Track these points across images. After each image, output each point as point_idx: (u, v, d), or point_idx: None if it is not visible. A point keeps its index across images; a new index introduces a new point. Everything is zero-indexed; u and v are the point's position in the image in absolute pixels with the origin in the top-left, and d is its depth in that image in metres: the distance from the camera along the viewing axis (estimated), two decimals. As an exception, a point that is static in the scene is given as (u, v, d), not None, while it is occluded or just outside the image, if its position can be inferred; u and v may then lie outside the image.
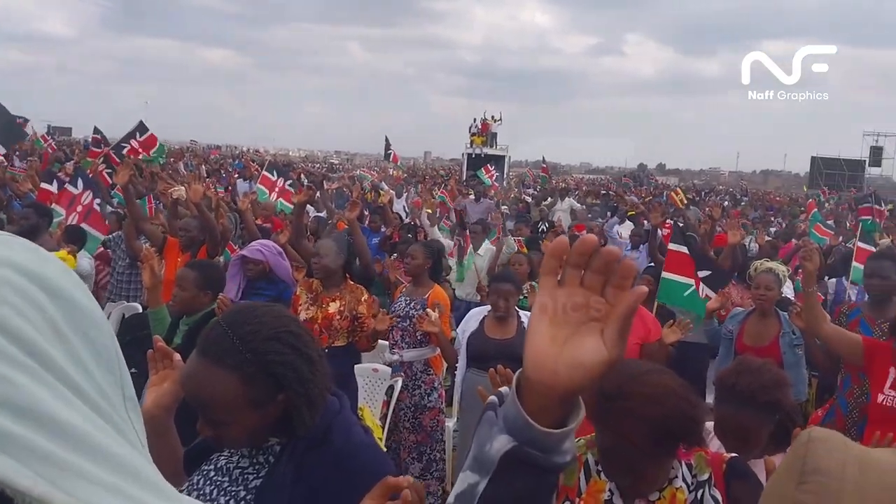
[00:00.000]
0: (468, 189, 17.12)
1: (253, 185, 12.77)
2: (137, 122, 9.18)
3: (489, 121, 34.88)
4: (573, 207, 14.73)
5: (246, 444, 1.58)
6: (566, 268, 0.79)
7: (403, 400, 4.94)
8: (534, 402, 0.81)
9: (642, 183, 38.20)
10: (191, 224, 6.03)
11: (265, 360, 1.49)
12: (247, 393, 1.48)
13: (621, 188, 27.18)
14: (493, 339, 4.34)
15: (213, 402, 1.49)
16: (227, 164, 24.07)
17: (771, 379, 2.29)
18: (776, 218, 18.89)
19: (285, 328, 1.56)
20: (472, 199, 14.16)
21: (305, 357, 1.55)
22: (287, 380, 1.51)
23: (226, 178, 16.72)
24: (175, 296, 3.85)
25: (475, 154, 32.69)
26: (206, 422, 1.52)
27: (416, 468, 4.87)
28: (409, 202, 13.99)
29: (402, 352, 4.97)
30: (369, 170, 27.01)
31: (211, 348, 1.51)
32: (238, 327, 1.52)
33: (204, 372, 1.50)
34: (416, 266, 5.07)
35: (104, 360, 0.63)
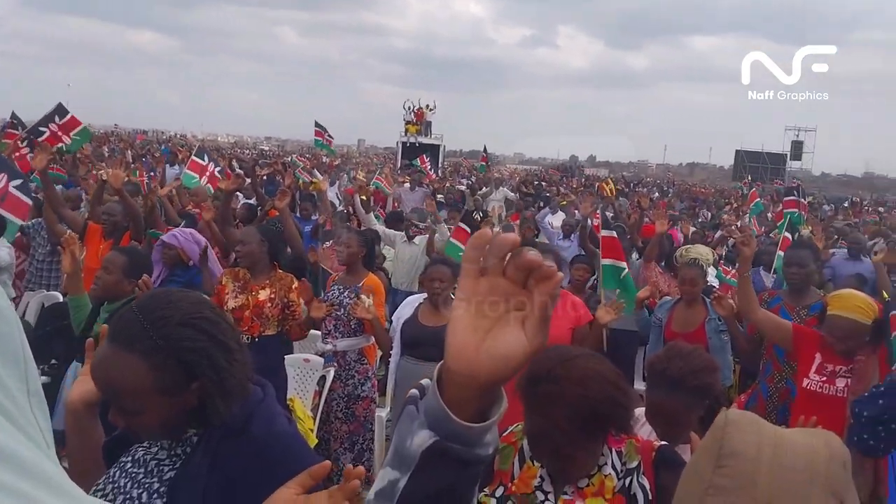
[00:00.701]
0: (404, 177, 17.07)
1: (181, 170, 12.45)
2: (56, 105, 8.79)
3: (423, 109, 34.81)
4: (507, 197, 14.84)
5: (160, 434, 1.52)
6: (488, 258, 0.77)
7: (336, 390, 4.88)
8: (455, 395, 0.80)
9: (573, 174, 38.80)
10: (115, 209, 5.84)
11: (177, 346, 1.44)
12: (158, 380, 1.42)
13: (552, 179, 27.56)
14: (427, 326, 4.32)
15: (123, 389, 1.42)
16: (153, 149, 23.36)
17: (701, 364, 2.34)
18: (702, 209, 19.43)
19: (200, 314, 1.50)
20: (407, 187, 14.11)
21: (221, 345, 1.49)
22: (200, 367, 1.45)
23: (147, 162, 16.21)
24: (99, 278, 3.71)
25: (410, 143, 32.60)
26: (118, 411, 1.46)
27: (347, 458, 4.83)
28: (342, 190, 13.85)
29: (336, 341, 4.90)
30: (301, 156, 26.63)
31: (121, 333, 1.45)
32: (150, 312, 1.46)
33: (113, 358, 1.43)
34: (350, 254, 5.01)
35: (7, 352, 0.60)
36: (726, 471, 0.97)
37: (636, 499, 1.81)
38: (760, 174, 48.38)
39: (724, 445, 0.99)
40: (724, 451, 0.99)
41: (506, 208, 13.43)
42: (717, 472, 0.98)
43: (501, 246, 0.76)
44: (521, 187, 18.43)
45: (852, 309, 3.49)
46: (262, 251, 4.46)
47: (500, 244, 0.76)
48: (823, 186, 53.57)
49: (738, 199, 22.30)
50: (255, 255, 4.44)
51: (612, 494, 1.81)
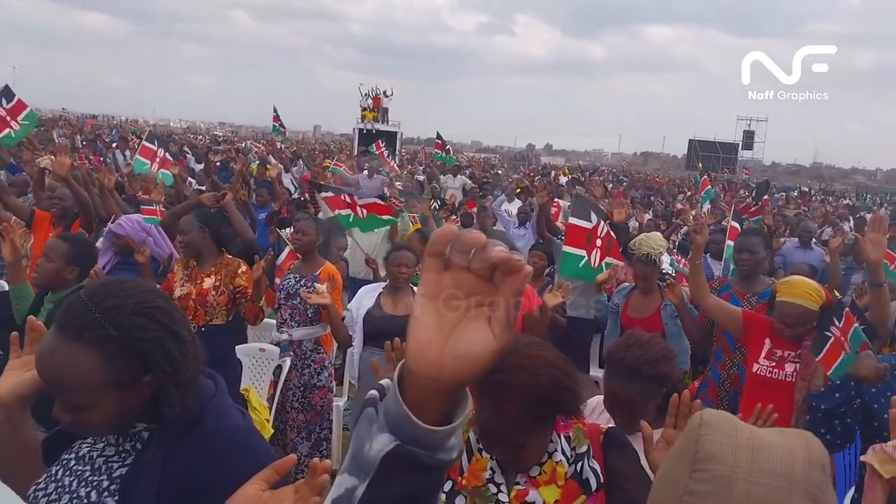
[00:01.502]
0: (362, 164, 16.94)
1: (130, 157, 12.14)
2: (2, 87, 8.47)
3: (380, 95, 34.52)
4: (465, 185, 14.84)
5: (109, 430, 1.44)
6: (452, 251, 0.72)
7: (292, 380, 4.82)
8: (417, 396, 0.75)
9: (530, 162, 38.98)
10: (65, 194, 5.67)
11: (130, 336, 1.36)
12: (109, 373, 1.34)
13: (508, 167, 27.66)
14: (390, 315, 4.29)
15: (70, 383, 1.33)
16: (103, 134, 22.78)
17: (658, 352, 2.35)
18: (656, 198, 19.70)
19: (153, 303, 1.42)
20: (364, 174, 14.00)
21: (175, 335, 1.42)
22: (154, 358, 1.38)
23: (99, 148, 15.80)
24: (39, 266, 3.57)
25: (366, 129, 32.33)
26: (64, 406, 1.37)
27: (304, 447, 4.78)
28: (297, 176, 13.69)
29: (291, 330, 4.83)
30: (256, 142, 26.25)
31: (70, 323, 1.36)
32: (101, 301, 1.38)
33: (61, 349, 1.34)
34: (307, 242, 4.94)
35: None
36: (702, 475, 0.95)
37: (588, 483, 1.81)
38: (713, 163, 49.27)
39: (700, 449, 0.97)
40: (699, 455, 0.96)
41: (463, 196, 13.43)
42: (693, 477, 0.96)
43: (468, 242, 0.72)
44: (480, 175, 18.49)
45: (801, 295, 3.56)
46: (205, 238, 4.35)
47: (467, 240, 0.72)
48: (773, 175, 54.78)
49: (691, 188, 22.67)
50: (195, 243, 4.33)
51: (565, 480, 1.81)
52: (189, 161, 14.34)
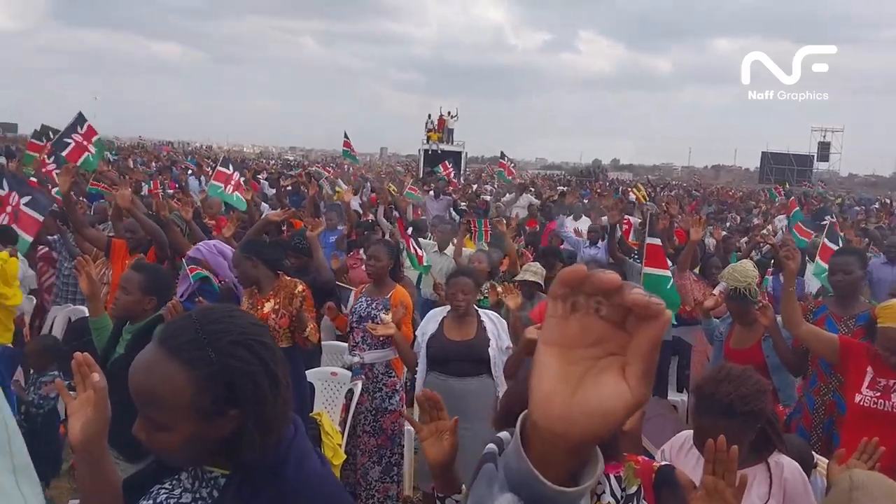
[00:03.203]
0: (427, 185, 17.01)
1: (205, 182, 12.46)
2: (76, 115, 8.81)
3: (445, 117, 34.83)
4: (531, 203, 14.71)
5: (182, 460, 1.38)
6: (579, 295, 0.64)
7: (363, 403, 4.79)
8: (542, 452, 0.67)
9: (597, 178, 38.52)
10: (134, 226, 5.77)
11: (227, 363, 1.31)
12: (196, 396, 1.28)
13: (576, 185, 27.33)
14: (452, 340, 4.23)
15: (158, 398, 1.29)
16: (179, 161, 23.55)
17: (752, 387, 2.21)
18: (730, 213, 19.15)
19: (257, 337, 1.37)
20: (431, 195, 14.04)
21: (271, 374, 1.36)
22: (244, 393, 1.31)
23: (178, 174, 16.30)
24: (117, 299, 3.59)
25: (432, 150, 32.62)
26: (145, 422, 1.32)
27: (375, 472, 4.74)
28: (365, 199, 13.81)
29: (363, 353, 4.82)
30: (325, 166, 26.71)
31: (171, 339, 1.32)
32: (207, 322, 1.34)
33: (157, 362, 1.30)
34: (380, 268, 4.93)
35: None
36: None
37: None
38: (787, 176, 47.83)
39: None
40: None
41: (529, 215, 13.29)
42: None
43: (600, 285, 0.63)
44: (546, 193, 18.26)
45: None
46: (255, 267, 4.41)
47: (598, 283, 0.63)
48: (851, 188, 52.80)
49: (766, 201, 21.96)
50: (248, 274, 4.41)
51: None
52: (263, 186, 14.64)
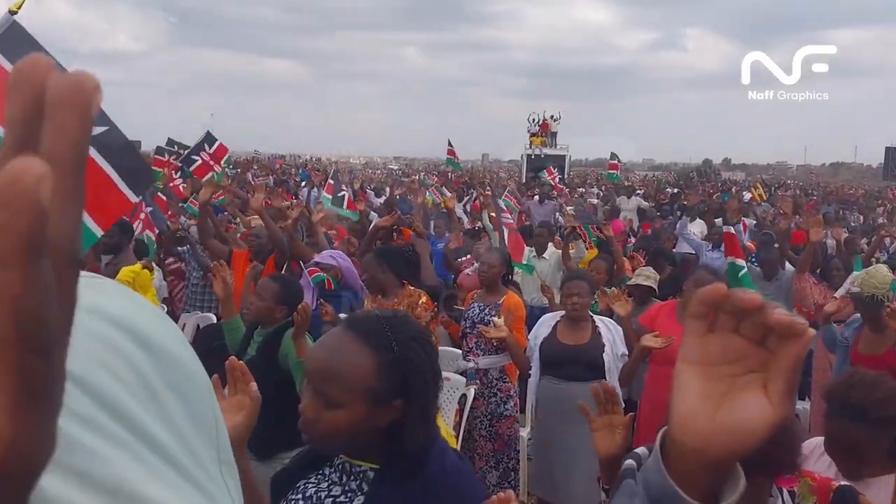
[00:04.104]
0: (531, 191, 16.96)
1: (320, 193, 12.90)
2: (205, 133, 9.31)
3: (548, 120, 34.54)
4: (640, 206, 14.42)
5: (341, 443, 1.50)
6: (720, 314, 0.66)
7: (478, 408, 4.86)
8: (682, 469, 0.69)
9: (709, 179, 37.23)
10: (261, 231, 6.11)
11: (404, 355, 1.47)
12: (374, 380, 1.43)
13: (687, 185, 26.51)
14: (566, 344, 4.23)
15: (339, 375, 1.45)
16: (292, 173, 24.43)
17: (886, 392, 2.13)
18: (851, 212, 18.17)
19: (428, 339, 1.56)
20: (535, 200, 13.99)
21: (436, 372, 1.54)
22: (414, 385, 1.47)
23: (293, 187, 16.92)
24: (252, 304, 3.85)
25: (534, 155, 32.42)
26: (316, 399, 1.46)
27: (493, 477, 4.80)
28: (469, 206, 13.90)
29: (477, 359, 4.90)
30: (430, 174, 27.05)
31: (360, 325, 1.51)
32: (389, 318, 1.53)
33: (344, 343, 1.48)
34: (493, 274, 5.00)
35: (199, 420, 0.59)
36: None
37: None
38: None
39: None
40: None
41: (638, 218, 13.04)
42: None
43: (740, 305, 0.65)
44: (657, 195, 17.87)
45: None
46: (384, 273, 4.54)
47: (739, 302, 0.65)
48: None
49: (892, 200, 20.69)
50: (377, 279, 4.54)
51: None
52: (370, 195, 15.01)
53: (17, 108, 0.29)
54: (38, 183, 0.26)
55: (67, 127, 0.29)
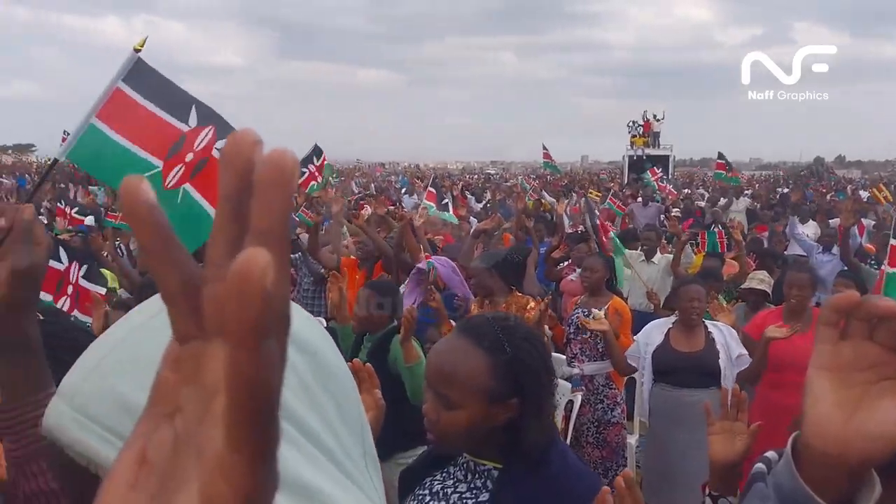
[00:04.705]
0: (634, 193, 16.62)
1: (420, 198, 13.09)
2: (312, 146, 9.63)
3: (651, 120, 33.70)
4: (749, 207, 13.89)
5: (461, 441, 1.57)
6: (852, 322, 0.66)
7: (585, 414, 4.82)
8: (814, 473, 0.69)
9: (822, 178, 35.40)
10: (368, 240, 6.29)
11: (518, 355, 1.53)
12: (490, 381, 1.50)
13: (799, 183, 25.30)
14: (681, 352, 4.14)
15: (456, 377, 1.51)
16: (392, 180, 24.89)
17: None
18: None
19: (540, 339, 1.63)
20: (639, 203, 13.70)
21: (549, 371, 1.59)
22: (528, 384, 1.53)
23: (393, 194, 17.23)
24: (355, 313, 4.01)
25: (636, 156, 31.71)
26: (438, 401, 1.53)
27: (602, 484, 4.73)
28: (569, 209, 13.75)
29: (582, 365, 4.86)
30: (528, 178, 26.96)
31: (473, 330, 1.58)
32: (501, 321, 1.60)
33: (460, 347, 1.55)
34: (596, 279, 4.97)
35: (348, 418, 0.62)
36: None
37: None
38: None
39: None
40: None
41: (748, 220, 12.55)
42: None
43: (874, 312, 0.65)
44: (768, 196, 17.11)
45: None
46: (493, 278, 4.54)
47: (873, 310, 0.65)
48: None
49: None
50: (485, 284, 4.55)
51: None
52: (469, 201, 15.10)
53: (231, 184, 0.32)
54: (264, 273, 0.29)
55: (274, 204, 0.32)
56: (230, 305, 0.29)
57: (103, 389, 0.60)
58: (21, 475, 1.10)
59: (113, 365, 0.62)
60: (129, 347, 0.62)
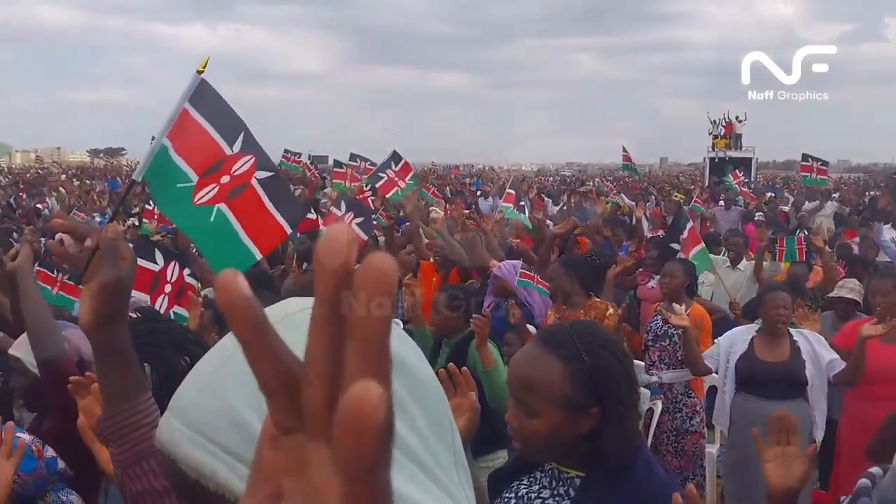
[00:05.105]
0: (714, 196, 16.20)
1: (496, 201, 13.10)
2: (391, 152, 9.74)
3: (733, 121, 32.74)
4: (837, 212, 13.34)
5: (544, 449, 1.59)
6: None
7: (664, 423, 4.75)
8: None
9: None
10: (445, 244, 6.33)
11: (596, 363, 1.53)
12: (568, 389, 1.51)
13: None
14: (766, 361, 4.04)
15: (535, 385, 1.54)
16: (467, 183, 24.92)
17: None
18: None
19: (619, 346, 1.63)
20: (721, 207, 13.35)
21: (630, 378, 1.58)
22: (608, 392, 1.52)
23: (468, 197, 17.27)
24: (432, 318, 4.06)
25: (718, 158, 30.87)
26: (519, 409, 1.56)
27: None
28: (649, 212, 13.50)
29: (661, 373, 4.79)
30: (604, 180, 26.58)
31: (551, 339, 1.60)
32: (579, 329, 1.61)
33: (538, 356, 1.57)
34: (675, 285, 4.88)
35: (438, 426, 0.63)
36: None
37: None
38: None
39: None
40: None
41: (835, 225, 12.06)
42: None
43: None
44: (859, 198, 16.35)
45: None
46: (571, 283, 4.51)
47: None
48: None
49: None
50: (563, 288, 4.51)
51: None
52: (546, 204, 15.00)
53: (329, 285, 0.33)
54: (379, 411, 0.30)
55: (376, 312, 0.32)
56: (346, 441, 0.30)
57: (214, 405, 0.61)
58: (127, 477, 1.16)
59: (224, 381, 0.62)
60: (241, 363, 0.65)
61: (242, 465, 0.57)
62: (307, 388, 0.33)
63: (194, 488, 0.60)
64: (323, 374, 0.33)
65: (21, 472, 1.86)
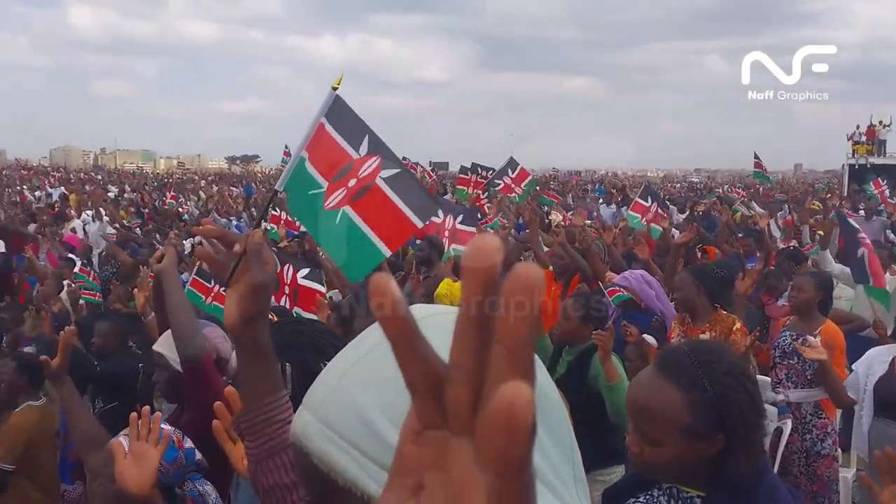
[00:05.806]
0: (856, 203, 15.25)
1: (616, 210, 12.89)
2: (508, 159, 9.81)
3: (876, 126, 30.65)
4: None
5: (665, 474, 1.56)
6: None
7: (793, 443, 4.54)
8: None
9: None
10: (562, 252, 6.28)
11: (718, 392, 1.47)
12: (689, 418, 1.46)
13: None
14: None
15: (653, 414, 1.50)
16: (588, 189, 24.59)
17: None
18: None
19: (743, 371, 1.55)
20: (861, 216, 12.57)
21: (755, 404, 1.52)
22: (732, 420, 1.47)
23: (589, 203, 17.04)
24: (559, 325, 4.04)
25: (859, 165, 28.98)
26: (639, 436, 1.53)
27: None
28: (781, 222, 12.87)
29: (788, 392, 4.58)
30: (734, 187, 25.53)
31: (669, 365, 1.54)
32: (700, 354, 1.54)
33: (655, 383, 1.52)
34: (804, 300, 4.65)
35: (559, 443, 0.64)
36: None
37: None
38: None
39: None
40: None
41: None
42: None
43: None
44: None
45: None
46: (699, 294, 4.37)
47: None
48: None
49: None
50: (690, 299, 4.38)
51: None
52: (672, 212, 14.60)
53: (476, 292, 0.34)
54: (528, 412, 0.31)
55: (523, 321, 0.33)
56: (497, 439, 0.32)
57: (345, 403, 0.64)
58: (260, 471, 1.23)
59: (355, 379, 0.65)
60: (372, 362, 0.65)
61: (372, 464, 0.61)
62: (452, 387, 0.35)
63: (325, 481, 0.63)
64: (469, 374, 0.34)
65: (163, 461, 1.95)
